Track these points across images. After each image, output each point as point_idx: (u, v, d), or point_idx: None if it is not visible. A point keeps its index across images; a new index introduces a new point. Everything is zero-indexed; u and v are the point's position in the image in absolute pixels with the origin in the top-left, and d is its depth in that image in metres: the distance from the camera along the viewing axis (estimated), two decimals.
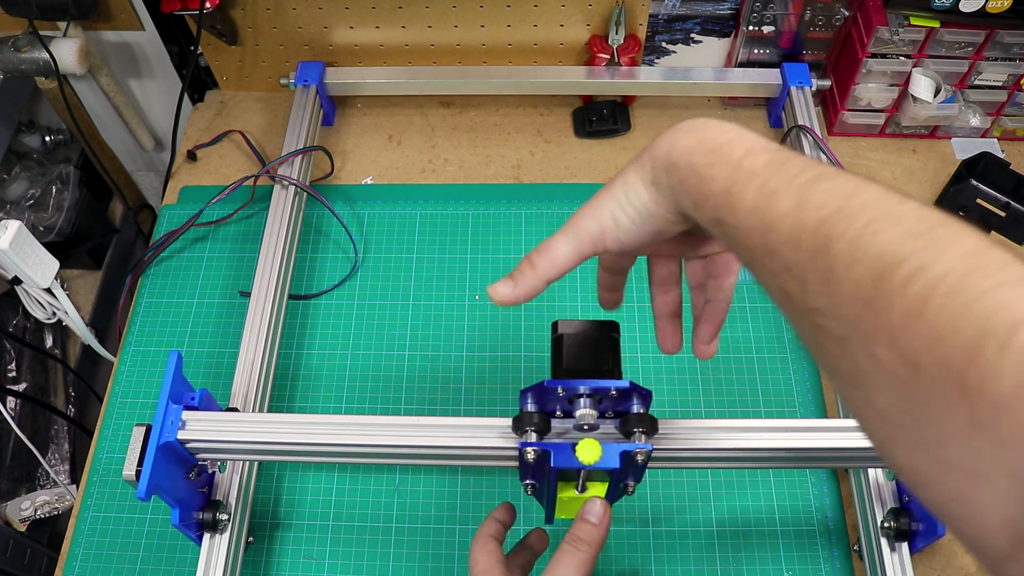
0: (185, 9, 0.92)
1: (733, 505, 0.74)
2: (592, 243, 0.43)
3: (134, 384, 0.83)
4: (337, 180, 0.98)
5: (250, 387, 0.73)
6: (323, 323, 0.86)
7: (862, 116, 0.97)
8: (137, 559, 0.73)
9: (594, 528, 0.51)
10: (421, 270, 0.89)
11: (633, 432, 0.53)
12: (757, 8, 0.93)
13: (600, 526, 0.51)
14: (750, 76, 0.98)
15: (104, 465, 0.78)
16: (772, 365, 0.82)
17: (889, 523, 0.65)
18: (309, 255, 0.91)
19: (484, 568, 0.53)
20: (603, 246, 0.43)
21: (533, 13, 0.95)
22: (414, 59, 1.02)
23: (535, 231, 0.92)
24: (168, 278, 0.89)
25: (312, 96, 0.96)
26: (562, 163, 0.98)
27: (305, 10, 0.96)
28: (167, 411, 0.60)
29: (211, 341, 0.85)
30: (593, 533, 0.51)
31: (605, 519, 0.51)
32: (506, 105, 1.04)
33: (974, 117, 0.96)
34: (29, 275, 0.75)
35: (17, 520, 0.99)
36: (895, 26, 0.87)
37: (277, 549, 0.73)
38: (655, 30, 0.97)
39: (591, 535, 0.50)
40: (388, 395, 0.81)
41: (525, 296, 0.44)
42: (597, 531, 0.51)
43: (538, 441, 0.53)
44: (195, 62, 1.02)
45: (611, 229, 0.42)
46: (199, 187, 0.97)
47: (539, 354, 0.83)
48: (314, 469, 0.77)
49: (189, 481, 0.63)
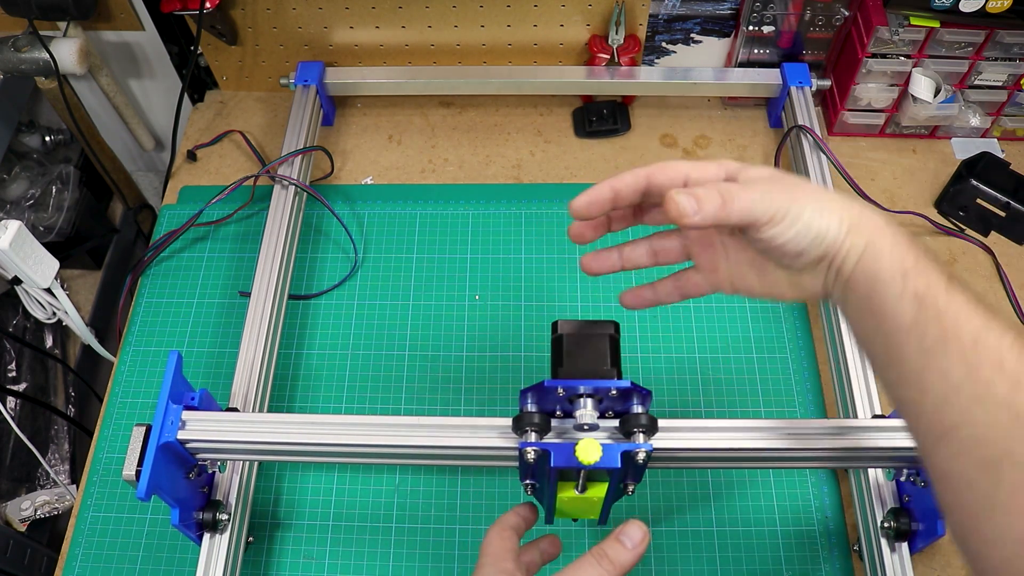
0: (185, 9, 0.92)
1: (733, 505, 0.74)
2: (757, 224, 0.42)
3: (134, 384, 0.83)
4: (337, 180, 0.98)
5: (250, 387, 0.73)
6: (323, 323, 0.86)
7: (862, 116, 0.97)
8: (137, 559, 0.73)
9: (626, 552, 0.49)
10: (421, 270, 0.89)
11: (633, 432, 0.53)
12: (757, 8, 0.93)
13: (633, 552, 0.49)
14: (750, 76, 0.98)
15: (104, 465, 0.78)
16: (772, 365, 0.82)
17: (889, 523, 0.65)
18: (309, 255, 0.91)
19: (496, 551, 0.52)
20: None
21: (533, 13, 0.95)
22: (414, 59, 1.02)
23: (535, 231, 0.92)
24: (168, 278, 0.89)
25: (312, 96, 0.96)
26: (562, 163, 0.98)
27: (305, 10, 0.96)
28: (167, 411, 0.60)
29: (211, 341, 0.85)
30: (624, 556, 0.48)
31: (640, 547, 0.49)
32: (506, 105, 1.04)
33: (974, 117, 0.96)
34: (29, 275, 0.75)
35: (17, 520, 0.99)
36: (895, 26, 0.87)
37: (277, 549, 0.73)
38: (655, 30, 0.97)
39: (621, 558, 0.48)
40: (388, 395, 0.81)
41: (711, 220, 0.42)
42: (628, 556, 0.49)
43: (538, 441, 0.53)
44: (195, 62, 1.02)
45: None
46: (199, 187, 0.97)
47: (539, 354, 0.83)
48: (314, 469, 0.77)
49: (189, 481, 0.63)
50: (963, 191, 0.92)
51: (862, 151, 0.99)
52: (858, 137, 1.00)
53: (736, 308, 0.86)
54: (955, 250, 0.90)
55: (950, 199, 0.93)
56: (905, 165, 0.98)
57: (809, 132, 0.91)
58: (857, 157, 0.98)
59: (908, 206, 0.93)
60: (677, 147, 1.00)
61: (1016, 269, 0.89)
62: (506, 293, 0.87)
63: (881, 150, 0.99)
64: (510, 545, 0.53)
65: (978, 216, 0.92)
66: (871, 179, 0.96)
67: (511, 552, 0.53)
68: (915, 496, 0.65)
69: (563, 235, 0.91)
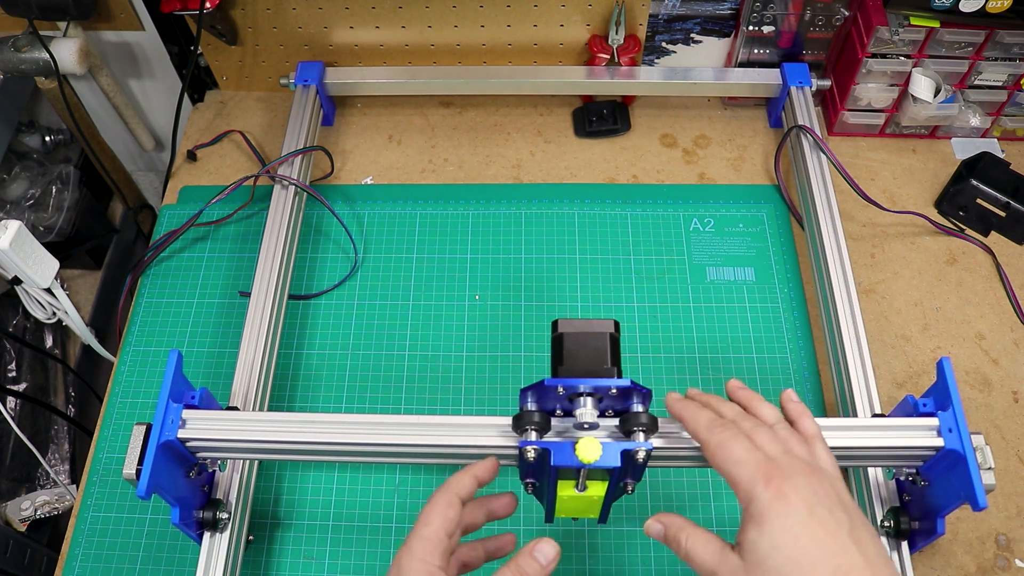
0: (185, 9, 0.92)
1: (733, 505, 0.74)
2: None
3: (134, 384, 0.83)
4: (337, 180, 0.98)
5: (250, 387, 0.73)
6: (323, 323, 0.86)
7: (862, 116, 0.97)
8: (137, 559, 0.73)
9: (540, 568, 0.50)
10: (421, 270, 0.89)
11: (633, 431, 0.53)
12: (757, 8, 0.93)
13: (544, 569, 0.50)
14: (750, 76, 0.98)
15: (104, 465, 0.78)
16: (772, 365, 0.82)
17: (888, 522, 0.65)
18: (309, 255, 0.91)
19: (432, 534, 0.50)
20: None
21: (533, 13, 0.95)
22: (414, 59, 1.02)
23: (535, 231, 0.92)
24: (168, 278, 0.89)
25: (312, 96, 0.96)
26: (562, 163, 0.98)
27: (305, 10, 0.96)
28: (167, 410, 0.60)
29: (211, 341, 0.85)
30: (537, 571, 0.50)
31: (552, 565, 0.51)
32: (506, 105, 1.04)
33: (974, 117, 0.96)
34: (29, 275, 0.75)
35: (17, 520, 0.99)
36: (895, 26, 0.87)
37: (277, 548, 0.73)
38: (655, 30, 0.97)
39: (534, 572, 0.50)
40: (388, 395, 0.81)
41: None
42: (541, 572, 0.50)
43: (538, 440, 0.53)
44: (195, 62, 1.02)
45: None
46: (199, 187, 0.97)
47: (539, 354, 0.83)
48: (314, 469, 0.77)
49: (189, 480, 0.63)
50: (963, 191, 0.92)
51: (862, 151, 0.99)
52: (858, 137, 1.00)
53: (736, 308, 0.86)
54: (955, 250, 0.91)
55: (950, 199, 0.93)
56: (905, 165, 0.98)
57: (809, 132, 0.91)
58: (857, 157, 0.98)
59: (908, 206, 0.93)
60: (677, 147, 1.00)
61: (1016, 269, 0.89)
62: (506, 293, 0.87)
63: (881, 150, 0.99)
64: (448, 528, 0.51)
65: (978, 216, 0.92)
66: (871, 179, 0.96)
67: (444, 540, 0.51)
68: (915, 495, 0.65)
69: (563, 235, 0.92)
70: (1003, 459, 0.76)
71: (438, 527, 0.51)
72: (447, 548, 0.51)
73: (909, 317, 0.85)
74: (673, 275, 0.88)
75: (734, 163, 0.98)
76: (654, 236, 0.91)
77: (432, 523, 0.51)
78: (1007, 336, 0.84)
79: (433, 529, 0.51)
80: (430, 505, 0.52)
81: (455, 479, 0.54)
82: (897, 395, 0.80)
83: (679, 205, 0.94)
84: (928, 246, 0.91)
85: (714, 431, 0.51)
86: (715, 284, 0.87)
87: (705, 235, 0.91)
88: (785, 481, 0.46)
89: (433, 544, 0.50)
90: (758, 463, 0.48)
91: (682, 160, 0.99)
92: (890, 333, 0.84)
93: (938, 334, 0.84)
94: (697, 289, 0.87)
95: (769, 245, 0.90)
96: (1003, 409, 0.80)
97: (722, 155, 0.99)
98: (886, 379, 0.81)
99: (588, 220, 0.93)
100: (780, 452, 0.49)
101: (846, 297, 0.78)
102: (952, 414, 0.59)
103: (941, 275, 0.89)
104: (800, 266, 0.89)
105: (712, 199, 0.94)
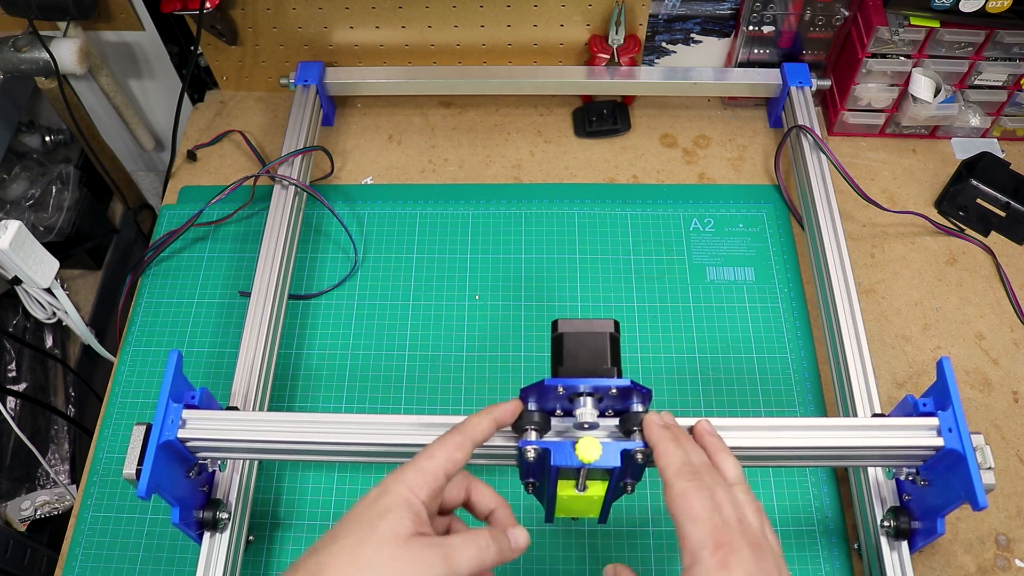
0: (185, 9, 0.92)
1: None
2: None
3: (134, 384, 0.83)
4: (337, 180, 0.98)
5: (250, 387, 0.73)
6: (323, 323, 0.86)
7: (862, 116, 0.97)
8: (137, 559, 0.73)
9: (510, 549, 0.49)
10: (421, 270, 0.89)
11: (633, 431, 0.53)
12: (757, 8, 0.93)
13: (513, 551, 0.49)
14: (750, 76, 0.98)
15: (104, 465, 0.78)
16: (772, 365, 0.82)
17: (889, 522, 0.65)
18: (309, 255, 0.91)
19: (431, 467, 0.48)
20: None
21: (533, 13, 0.95)
22: (414, 59, 1.02)
23: (535, 231, 0.92)
24: (168, 278, 0.89)
25: (312, 96, 0.96)
26: (562, 163, 0.98)
27: (305, 10, 0.96)
28: (167, 410, 0.60)
29: (211, 341, 0.85)
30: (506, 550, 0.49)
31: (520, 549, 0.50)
32: (506, 105, 1.04)
33: (974, 117, 0.96)
34: (29, 275, 0.75)
35: (17, 520, 0.99)
36: (895, 26, 0.87)
37: (277, 549, 0.73)
38: (655, 30, 0.97)
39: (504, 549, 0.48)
40: (388, 395, 0.81)
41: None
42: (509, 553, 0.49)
43: (538, 440, 0.53)
44: (195, 62, 1.02)
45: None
46: (199, 187, 0.97)
47: (539, 354, 0.83)
48: (314, 469, 0.77)
49: (189, 480, 0.63)
50: (963, 191, 0.92)
51: (862, 151, 0.99)
52: (858, 137, 1.00)
53: (736, 308, 0.86)
54: (955, 250, 0.91)
55: (950, 199, 0.93)
56: (905, 165, 0.98)
57: (809, 132, 0.91)
58: (857, 157, 0.98)
59: (908, 206, 0.93)
60: (677, 147, 1.00)
61: (1016, 269, 0.89)
62: (506, 293, 0.87)
63: (881, 150, 0.99)
64: (441, 481, 0.48)
65: (978, 216, 0.92)
66: (871, 179, 0.96)
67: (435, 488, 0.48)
68: (915, 495, 0.65)
69: (563, 235, 0.92)
70: (1003, 459, 0.77)
71: (439, 465, 0.48)
72: (439, 488, 0.48)
73: (909, 317, 0.86)
74: (673, 275, 0.88)
75: (734, 163, 0.98)
76: (654, 236, 0.91)
77: (435, 457, 0.48)
78: (1007, 336, 0.84)
79: (434, 464, 0.48)
80: (439, 441, 0.50)
81: (473, 422, 0.51)
82: (897, 395, 0.80)
83: (679, 205, 0.94)
84: (928, 246, 0.91)
85: (681, 477, 0.49)
86: (715, 284, 0.88)
87: (705, 235, 0.91)
88: (732, 553, 0.45)
89: (427, 479, 0.47)
90: (713, 527, 0.46)
91: (682, 160, 0.99)
92: (890, 333, 0.84)
93: (938, 334, 0.84)
94: (697, 289, 0.87)
95: (769, 245, 0.90)
96: (1003, 409, 0.80)
97: (722, 155, 0.99)
98: (886, 379, 0.81)
99: (588, 220, 0.93)
100: (734, 519, 0.47)
101: (846, 297, 0.78)
102: (952, 414, 0.59)
103: (941, 275, 0.89)
104: (800, 266, 0.89)
105: (712, 199, 0.94)
